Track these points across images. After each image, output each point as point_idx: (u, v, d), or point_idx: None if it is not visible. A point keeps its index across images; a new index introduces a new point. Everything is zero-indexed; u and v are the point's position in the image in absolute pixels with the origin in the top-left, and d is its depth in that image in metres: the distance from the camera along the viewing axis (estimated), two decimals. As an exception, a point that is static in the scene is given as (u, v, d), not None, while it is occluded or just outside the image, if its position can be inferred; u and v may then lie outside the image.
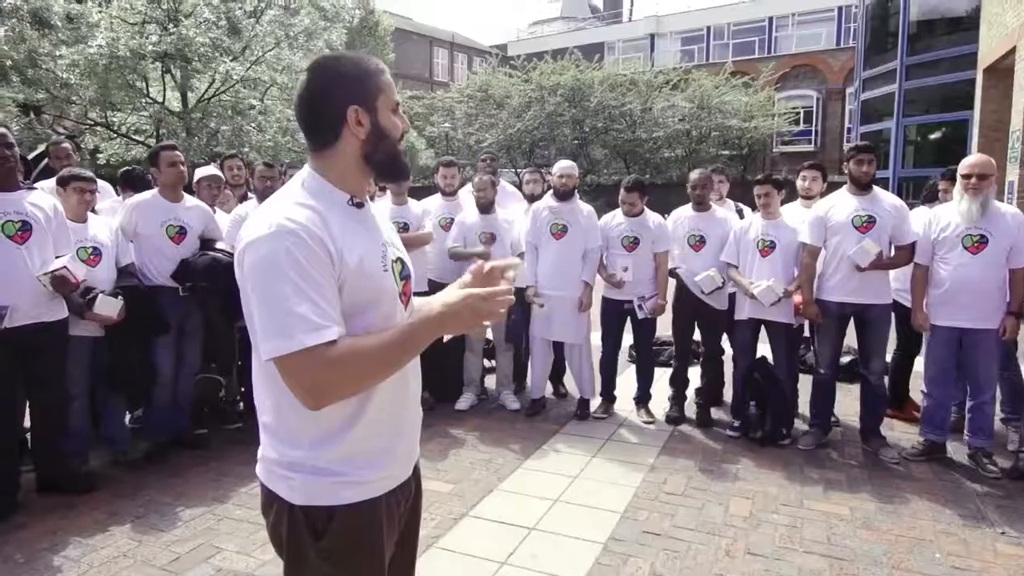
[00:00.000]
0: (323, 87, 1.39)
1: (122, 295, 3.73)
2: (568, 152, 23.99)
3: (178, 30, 10.96)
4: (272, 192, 4.56)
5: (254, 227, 1.30)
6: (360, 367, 1.28)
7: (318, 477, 1.38)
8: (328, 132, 1.40)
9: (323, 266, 1.27)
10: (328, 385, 1.26)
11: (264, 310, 1.25)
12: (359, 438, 1.40)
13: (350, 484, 1.40)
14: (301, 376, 1.25)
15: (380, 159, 1.43)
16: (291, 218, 1.28)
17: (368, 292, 1.37)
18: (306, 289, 1.24)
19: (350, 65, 1.41)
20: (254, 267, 1.27)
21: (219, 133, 12.62)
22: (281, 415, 1.40)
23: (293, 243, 1.25)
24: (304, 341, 1.22)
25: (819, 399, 4.53)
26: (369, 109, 1.39)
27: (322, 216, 1.32)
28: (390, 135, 1.42)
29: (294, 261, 1.24)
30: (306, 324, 1.22)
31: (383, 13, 29.71)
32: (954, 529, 3.39)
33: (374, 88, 1.40)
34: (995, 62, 10.26)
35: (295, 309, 1.22)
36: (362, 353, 1.27)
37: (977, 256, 3.95)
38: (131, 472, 4.02)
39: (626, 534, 3.32)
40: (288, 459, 1.39)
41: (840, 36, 28.20)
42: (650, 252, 4.87)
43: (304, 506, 1.39)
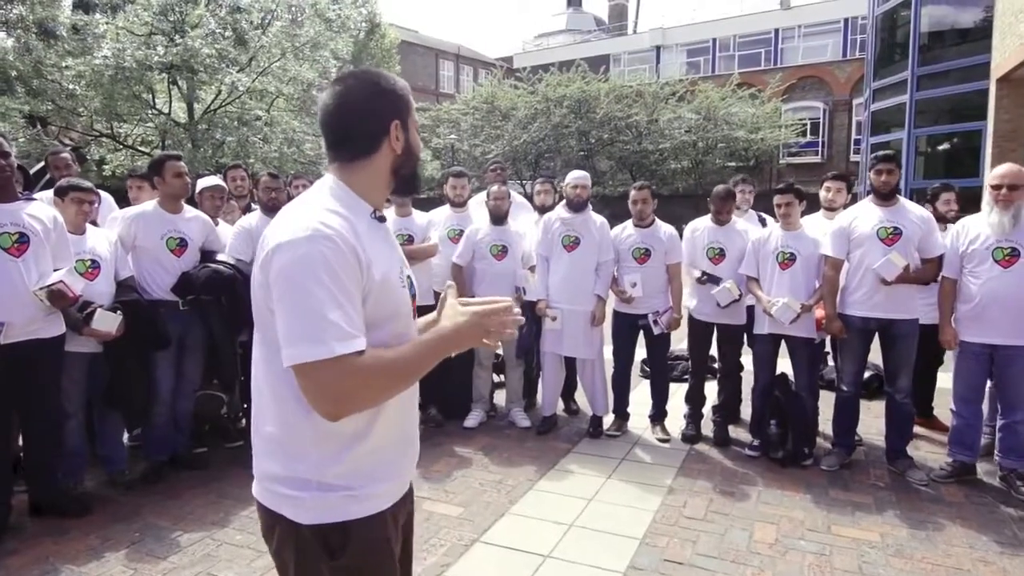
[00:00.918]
0: (368, 99, 1.41)
1: (121, 310, 3.59)
2: (574, 163, 23.88)
3: (184, 41, 10.91)
4: (277, 203, 4.48)
5: (286, 229, 1.27)
6: (384, 380, 1.28)
7: (327, 493, 1.34)
8: (366, 144, 1.41)
9: (354, 275, 1.27)
10: (352, 396, 1.25)
11: (294, 313, 1.22)
12: (368, 451, 1.38)
13: (360, 498, 1.37)
14: (327, 385, 1.22)
15: (405, 174, 1.47)
16: (327, 223, 1.26)
17: (388, 306, 1.37)
18: (338, 296, 1.22)
19: (387, 83, 1.44)
20: (286, 269, 1.23)
21: (225, 144, 12.55)
22: (289, 427, 1.35)
23: (329, 248, 1.23)
24: (335, 349, 1.20)
25: (842, 417, 4.36)
26: (405, 127, 1.44)
27: (352, 226, 1.31)
28: (416, 152, 1.48)
29: (329, 266, 1.22)
30: (338, 331, 1.21)
31: (389, 26, 29.78)
32: (992, 557, 3.21)
33: (408, 106, 1.45)
34: (1009, 72, 10.12)
35: (328, 315, 1.20)
36: (386, 366, 1.27)
37: (1009, 270, 3.79)
38: (127, 494, 3.86)
39: (646, 563, 3.16)
40: (295, 475, 1.35)
41: (846, 47, 28.13)
42: (662, 264, 4.72)
43: (314, 525, 1.34)
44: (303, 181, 5.45)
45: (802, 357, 4.39)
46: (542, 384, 5.16)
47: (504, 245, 4.92)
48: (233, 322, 4.20)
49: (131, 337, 3.65)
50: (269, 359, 1.34)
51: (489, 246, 4.90)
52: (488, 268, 4.91)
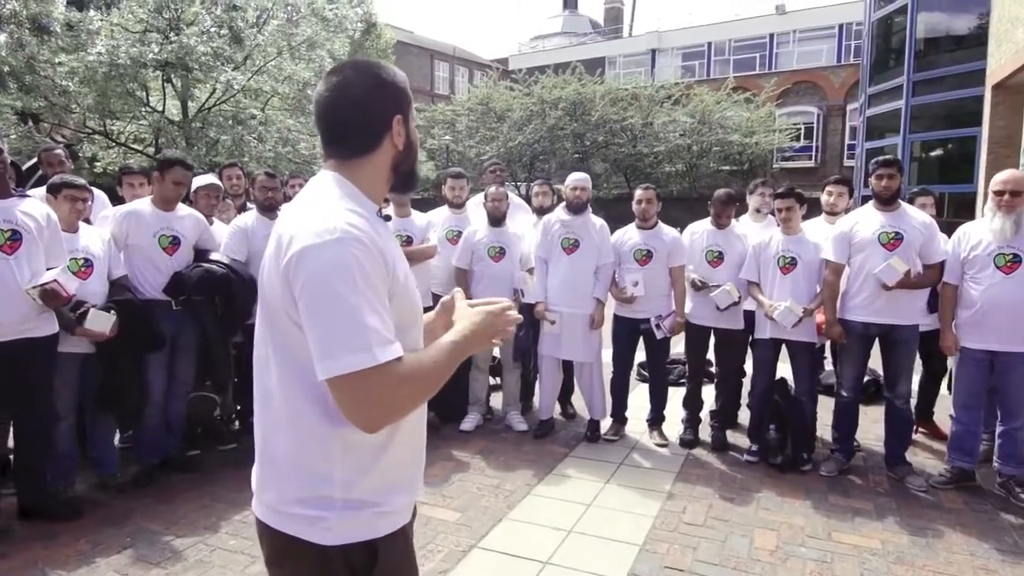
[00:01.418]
0: (369, 92, 1.33)
1: (115, 309, 3.53)
2: (569, 166, 23.89)
3: (179, 39, 10.82)
4: (274, 203, 4.41)
5: (309, 231, 1.18)
6: (423, 384, 1.23)
7: (354, 512, 1.28)
8: (368, 139, 1.34)
9: (383, 279, 1.21)
10: (398, 403, 1.20)
11: (330, 322, 1.14)
12: (390, 465, 1.33)
13: (385, 514, 1.32)
14: (372, 394, 1.15)
15: (405, 170, 1.41)
16: (353, 224, 1.19)
17: (410, 310, 1.34)
18: (374, 301, 1.17)
19: (388, 75, 1.36)
20: (317, 274, 1.15)
21: (219, 143, 12.45)
22: (310, 444, 1.26)
23: (361, 251, 1.17)
24: (378, 356, 1.13)
25: (842, 423, 4.34)
26: (405, 122, 1.38)
27: (373, 226, 1.26)
28: (414, 147, 1.42)
29: (363, 270, 1.16)
30: (379, 338, 1.15)
31: (385, 26, 29.70)
32: (993, 565, 3.19)
33: (408, 99, 1.39)
34: (1004, 78, 10.16)
35: (367, 321, 1.14)
36: (424, 370, 1.22)
37: (1011, 276, 3.77)
38: (118, 497, 3.79)
39: (646, 570, 3.12)
40: (317, 495, 1.27)
41: (841, 53, 28.24)
42: (664, 266, 4.68)
43: (339, 545, 1.27)
44: (299, 180, 5.39)
45: (803, 362, 4.36)
46: (539, 387, 5.12)
47: (502, 247, 4.87)
48: (227, 322, 4.14)
49: (125, 337, 3.59)
50: (285, 372, 1.26)
51: (487, 248, 4.86)
52: (486, 270, 4.87)
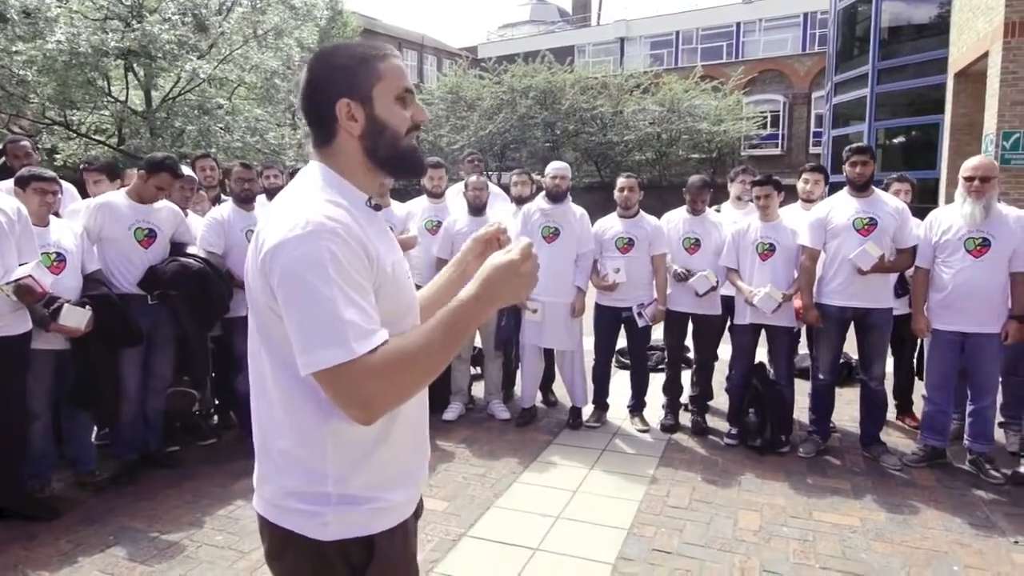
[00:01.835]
0: (315, 80, 1.30)
1: (90, 304, 3.44)
2: (540, 155, 23.87)
3: (142, 26, 10.51)
4: (250, 194, 4.34)
5: (282, 225, 1.16)
6: (413, 366, 1.16)
7: (350, 507, 1.26)
8: (323, 128, 1.30)
9: (364, 269, 1.18)
10: (385, 393, 1.14)
11: (306, 317, 1.12)
12: (388, 459, 1.31)
13: (383, 510, 1.30)
14: (354, 388, 1.12)
15: (384, 155, 1.30)
16: (329, 215, 1.16)
17: (400, 301, 1.29)
18: (350, 293, 1.13)
19: (344, 55, 1.30)
20: (290, 270, 1.13)
21: (184, 133, 12.17)
22: (306, 438, 1.25)
23: (335, 243, 1.14)
24: (355, 349, 1.10)
25: (819, 405, 4.44)
26: (363, 101, 1.27)
27: (354, 216, 1.21)
28: (390, 127, 1.29)
29: (336, 262, 1.13)
30: (357, 330, 1.11)
31: (351, 13, 29.28)
32: (967, 539, 3.30)
33: (369, 77, 1.28)
34: (966, 67, 10.40)
35: (344, 315, 1.11)
36: (410, 351, 1.15)
37: (980, 260, 3.88)
38: (97, 496, 3.72)
39: (635, 553, 3.16)
40: (314, 490, 1.26)
41: (805, 42, 28.60)
42: (646, 255, 4.72)
43: (336, 541, 1.26)
44: (274, 171, 5.31)
45: (782, 346, 4.45)
46: (521, 376, 5.13)
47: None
48: (203, 316, 4.07)
49: (100, 333, 3.51)
50: (276, 367, 1.25)
51: (467, 237, 4.82)
52: (466, 259, 4.84)
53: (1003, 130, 8.72)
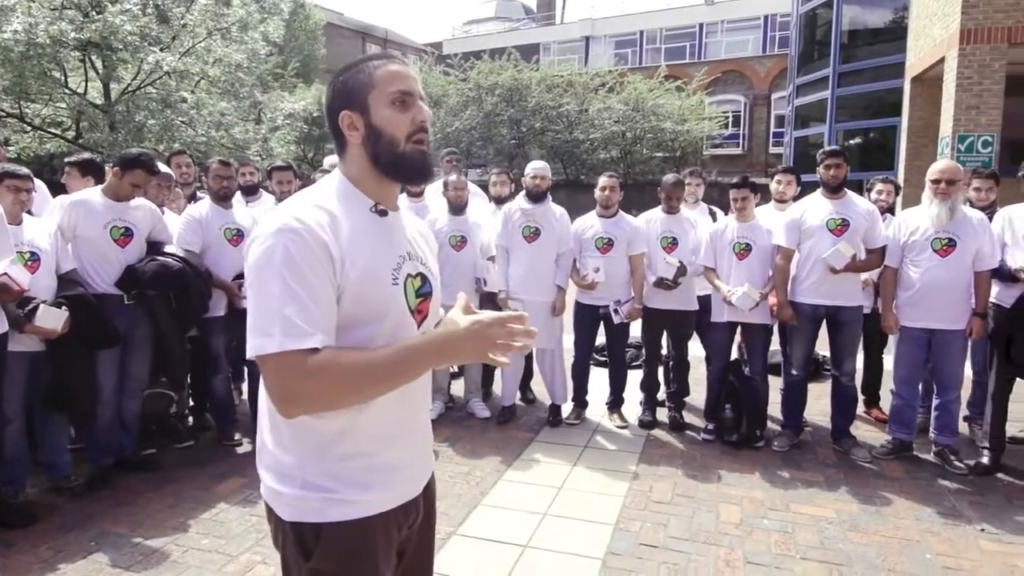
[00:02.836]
0: (327, 96, 1.38)
1: (66, 305, 3.35)
2: (506, 152, 23.92)
3: (103, 17, 10.19)
4: (229, 192, 4.28)
5: (264, 223, 1.26)
6: (340, 382, 1.20)
7: (306, 492, 1.31)
8: (337, 140, 1.38)
9: (320, 269, 1.21)
10: (301, 396, 1.19)
11: (254, 306, 1.21)
12: (350, 455, 1.33)
13: (340, 502, 1.31)
14: (275, 380, 1.20)
15: (385, 160, 1.34)
16: (298, 217, 1.23)
17: (370, 305, 1.29)
18: (297, 290, 1.18)
19: (346, 68, 1.37)
20: (253, 263, 1.23)
21: (146, 127, 11.85)
22: (271, 422, 1.35)
23: (292, 241, 1.20)
24: (283, 344, 1.16)
25: (792, 400, 4.56)
26: (362, 110, 1.33)
27: (334, 219, 1.27)
28: (386, 132, 1.33)
29: (290, 260, 1.19)
30: (289, 327, 1.17)
31: (313, 7, 28.87)
32: (937, 528, 3.44)
33: (364, 85, 1.33)
34: (923, 72, 10.77)
35: (281, 309, 1.17)
36: (345, 368, 1.19)
37: (946, 259, 4.04)
38: (74, 501, 3.62)
39: (623, 548, 3.22)
40: (280, 468, 1.34)
41: (766, 44, 29.21)
42: (624, 254, 4.78)
43: (292, 522, 1.33)
44: (250, 168, 5.24)
45: (757, 343, 4.56)
46: (501, 374, 5.16)
47: (463, 235, 4.87)
48: (182, 317, 4.00)
49: (76, 334, 3.42)
50: None
51: (448, 236, 4.85)
52: (447, 259, 4.84)
53: (958, 133, 9.06)
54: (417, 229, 1.52)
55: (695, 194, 5.33)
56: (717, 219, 5.08)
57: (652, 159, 24.65)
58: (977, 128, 8.98)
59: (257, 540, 3.23)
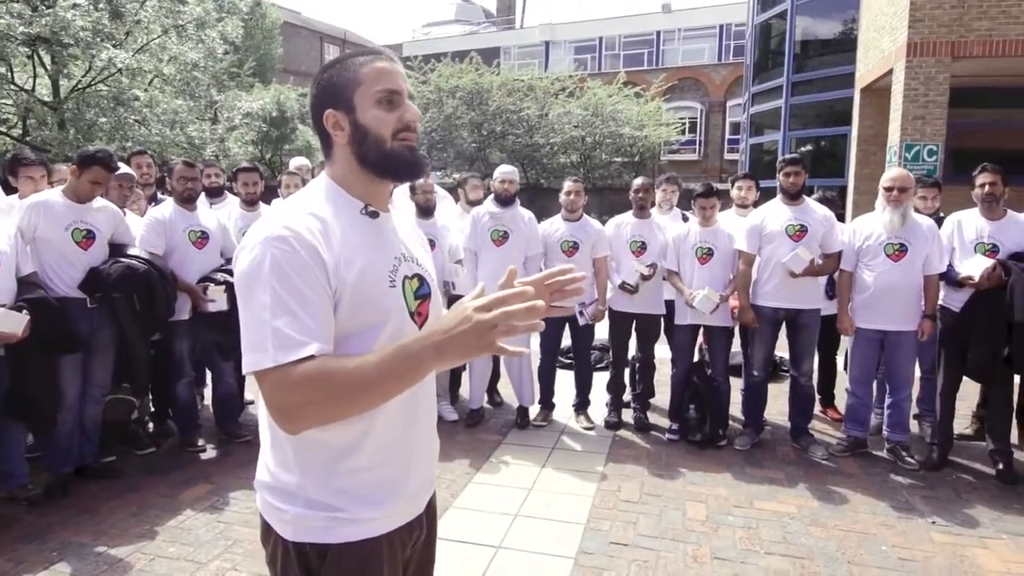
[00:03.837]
0: (311, 95, 1.34)
1: (27, 309, 3.26)
2: (466, 155, 23.92)
3: (53, 11, 9.87)
4: (193, 194, 4.21)
5: (252, 233, 1.22)
6: (330, 391, 1.12)
7: (311, 511, 1.26)
8: (322, 141, 1.34)
9: (312, 277, 1.16)
10: (295, 408, 1.13)
11: (245, 321, 1.17)
12: (360, 468, 1.28)
13: (347, 521, 1.26)
14: (271, 396, 1.14)
15: (372, 159, 1.30)
16: (287, 224, 1.18)
17: (369, 310, 1.24)
18: (287, 300, 1.14)
19: (330, 66, 1.33)
20: (241, 275, 1.19)
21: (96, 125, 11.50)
22: (274, 437, 1.30)
23: (281, 251, 1.15)
24: (277, 357, 1.11)
25: (753, 400, 4.70)
26: (347, 108, 1.29)
27: (325, 224, 1.22)
28: (372, 131, 1.28)
29: (278, 269, 1.15)
30: (282, 339, 1.12)
31: (270, 5, 28.42)
32: (892, 521, 3.59)
33: (350, 83, 1.29)
34: (872, 82, 11.18)
35: (273, 322, 1.13)
36: (333, 375, 1.11)
37: (898, 263, 4.21)
38: (32, 511, 3.52)
39: (594, 547, 3.28)
40: (281, 485, 1.29)
41: (721, 52, 29.87)
42: (589, 257, 4.86)
43: (295, 542, 1.27)
44: (215, 170, 5.15)
45: (719, 345, 4.68)
46: (469, 377, 5.18)
47: (432, 238, 4.87)
48: (148, 321, 3.93)
49: (37, 338, 3.32)
50: None
51: None
52: (416, 262, 4.85)
53: (905, 142, 9.43)
54: (410, 230, 1.48)
55: (670, 201, 5.42)
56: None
57: (611, 164, 24.94)
58: (923, 137, 9.36)
59: (226, 547, 3.19)
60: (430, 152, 24.65)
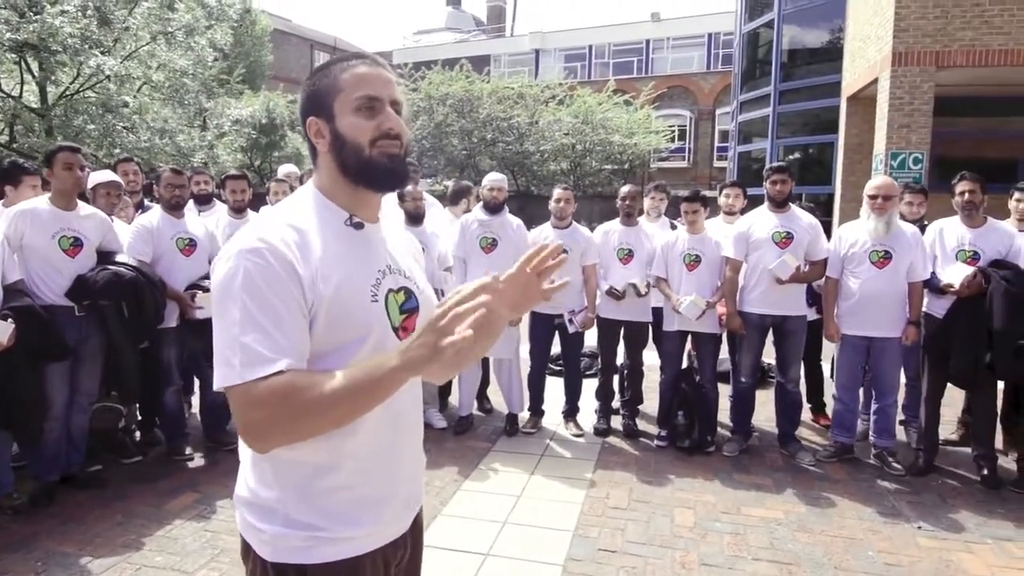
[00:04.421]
0: (299, 102, 1.32)
1: (12, 317, 3.24)
2: (457, 163, 23.97)
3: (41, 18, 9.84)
4: (181, 201, 4.21)
5: (228, 244, 1.19)
6: (296, 408, 1.09)
7: (290, 530, 1.22)
8: (310, 149, 1.32)
9: (285, 291, 1.13)
10: (261, 425, 1.10)
11: (217, 335, 1.14)
12: (339, 486, 1.24)
13: (327, 540, 1.23)
14: (237, 412, 1.12)
15: (352, 168, 1.26)
16: (262, 236, 1.15)
17: (347, 325, 1.20)
18: (258, 316, 1.11)
19: (315, 72, 1.30)
20: (215, 286, 1.17)
21: (84, 132, 11.46)
22: (254, 455, 1.27)
23: (254, 263, 1.13)
24: (244, 375, 1.09)
25: (740, 407, 4.73)
26: (328, 116, 1.26)
27: (303, 235, 1.19)
28: (349, 139, 1.24)
29: (250, 283, 1.12)
30: (250, 355, 1.09)
31: (261, 12, 28.42)
32: (878, 527, 3.62)
33: (330, 90, 1.26)
34: (857, 91, 11.30)
35: (242, 337, 1.10)
36: (299, 392, 1.08)
37: (883, 270, 4.26)
38: (17, 519, 3.48)
39: (582, 553, 3.28)
40: (260, 501, 1.25)
41: (710, 61, 30.13)
42: (578, 265, 4.88)
43: (275, 563, 1.24)
44: (204, 177, 5.14)
45: (707, 351, 4.71)
46: (459, 385, 5.18)
47: (422, 246, 4.88)
48: (136, 328, 3.91)
49: (23, 347, 3.30)
50: None
51: None
52: (405, 269, 4.86)
53: (891, 150, 9.54)
54: (402, 240, 1.44)
55: (658, 208, 5.44)
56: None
57: (601, 171, 25.06)
58: (908, 146, 9.47)
59: (213, 556, 3.17)
60: (420, 159, 24.70)
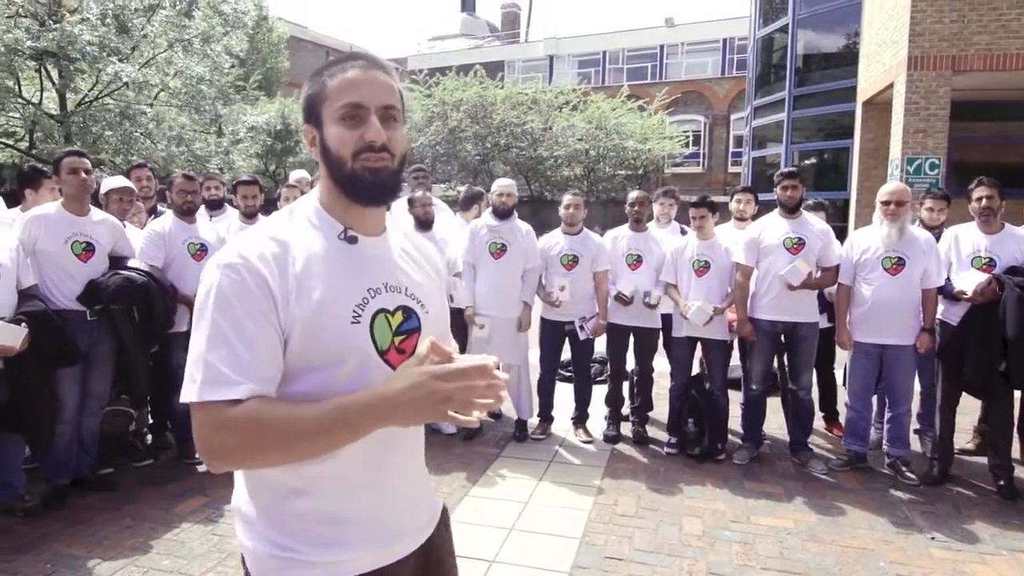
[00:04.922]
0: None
1: (26, 322, 3.28)
2: (471, 168, 24.03)
3: (61, 26, 10.00)
4: (193, 207, 4.25)
5: (214, 256, 1.16)
6: (259, 439, 1.06)
7: (268, 548, 1.19)
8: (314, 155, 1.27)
9: (256, 309, 1.08)
10: (218, 451, 1.07)
11: (190, 347, 1.11)
12: (309, 510, 1.18)
13: (302, 563, 1.17)
14: (197, 431, 1.08)
15: (338, 180, 1.20)
16: (240, 251, 1.12)
17: (324, 346, 1.13)
18: (227, 333, 1.07)
19: (311, 76, 1.24)
20: (197, 298, 1.14)
21: (102, 139, 11.61)
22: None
23: (228, 279, 1.09)
24: (201, 394, 1.05)
25: (751, 414, 4.68)
26: (317, 124, 1.21)
27: (285, 249, 1.14)
28: (332, 150, 1.18)
29: (223, 299, 1.08)
30: (212, 374, 1.05)
31: (277, 19, 28.72)
32: (890, 537, 3.57)
33: (320, 97, 1.19)
34: (873, 96, 11.20)
35: (207, 355, 1.07)
36: (265, 424, 1.05)
37: (896, 277, 4.20)
38: (27, 522, 3.52)
39: (588, 561, 3.26)
40: (243, 515, 1.24)
41: (724, 66, 29.99)
42: (589, 271, 4.87)
43: None
44: (215, 183, 5.19)
45: (717, 358, 4.67)
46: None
47: None
48: (147, 332, 3.94)
49: (36, 351, 3.34)
50: None
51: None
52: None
53: (907, 156, 9.44)
54: (410, 253, 1.33)
55: (668, 214, 5.42)
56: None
57: (615, 177, 25.00)
58: (925, 151, 9.36)
59: (220, 560, 3.19)
60: (434, 164, 24.79)
